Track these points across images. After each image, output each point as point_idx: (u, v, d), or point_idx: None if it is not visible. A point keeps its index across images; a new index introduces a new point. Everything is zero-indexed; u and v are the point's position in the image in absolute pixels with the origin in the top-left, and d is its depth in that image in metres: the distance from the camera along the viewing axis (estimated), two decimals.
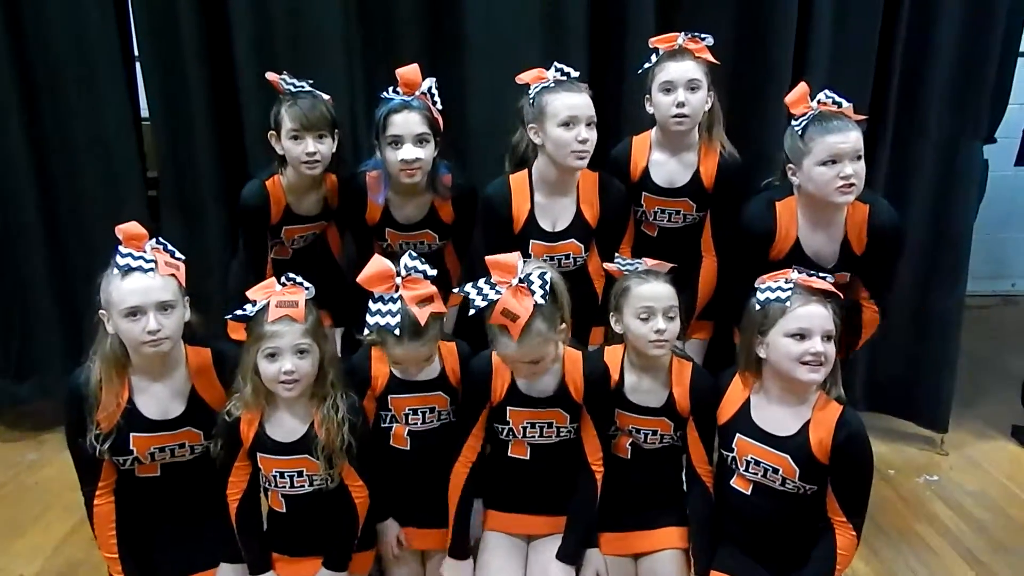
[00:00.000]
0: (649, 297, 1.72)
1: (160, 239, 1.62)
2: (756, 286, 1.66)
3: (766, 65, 2.31)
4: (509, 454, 1.79)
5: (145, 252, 1.56)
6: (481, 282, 1.56)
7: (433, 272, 1.63)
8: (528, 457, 1.78)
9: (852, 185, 1.71)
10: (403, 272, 1.60)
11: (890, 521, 2.21)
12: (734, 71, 2.28)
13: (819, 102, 1.76)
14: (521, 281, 1.54)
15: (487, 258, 1.59)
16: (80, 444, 1.63)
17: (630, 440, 1.83)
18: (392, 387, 1.77)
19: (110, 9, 2.35)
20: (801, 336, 1.58)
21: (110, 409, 1.60)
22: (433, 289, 1.62)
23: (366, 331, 1.61)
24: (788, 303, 1.60)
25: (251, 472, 1.69)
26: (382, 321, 1.58)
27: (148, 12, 2.34)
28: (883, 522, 2.20)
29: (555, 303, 1.59)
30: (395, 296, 1.59)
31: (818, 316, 1.58)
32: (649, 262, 1.78)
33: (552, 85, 1.86)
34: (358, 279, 1.60)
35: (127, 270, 1.53)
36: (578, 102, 1.83)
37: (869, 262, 1.87)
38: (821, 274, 1.66)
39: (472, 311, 1.56)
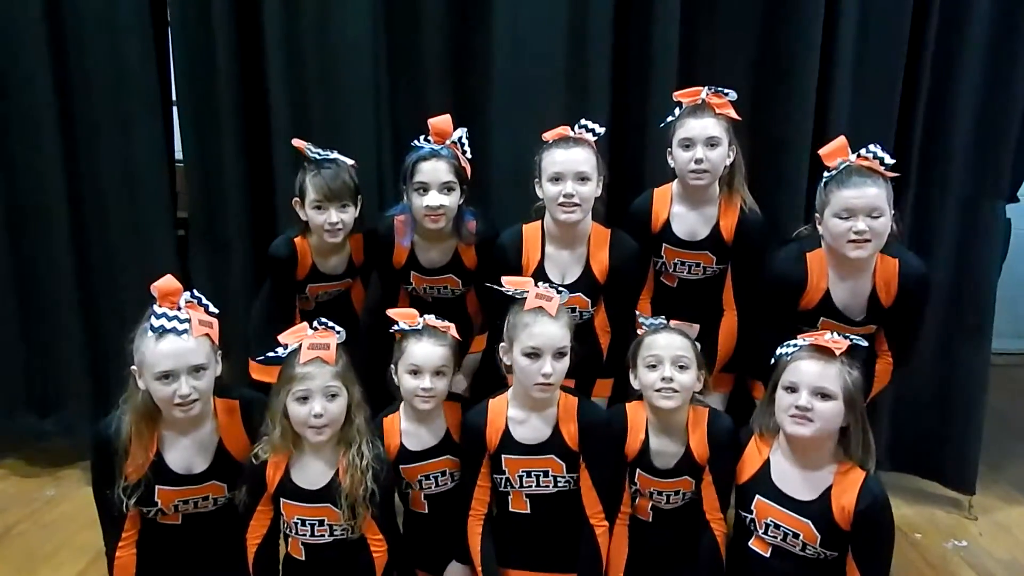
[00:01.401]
0: (658, 346, 1.74)
1: (195, 292, 1.64)
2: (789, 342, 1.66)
3: (787, 120, 2.33)
4: (510, 509, 1.78)
5: (180, 311, 1.58)
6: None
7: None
8: (528, 511, 1.77)
9: (867, 241, 1.72)
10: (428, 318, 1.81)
11: None
12: (755, 125, 2.31)
13: (858, 155, 1.77)
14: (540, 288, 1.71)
15: (504, 279, 1.75)
16: (107, 495, 1.64)
17: (651, 504, 1.81)
18: (403, 458, 1.81)
19: (151, 53, 2.44)
20: (792, 389, 1.59)
21: (139, 462, 1.61)
22: (452, 326, 1.79)
23: (393, 329, 1.78)
24: (790, 357, 1.61)
25: (272, 517, 1.68)
26: (407, 326, 1.76)
27: (188, 58, 2.42)
28: None
29: (570, 311, 1.73)
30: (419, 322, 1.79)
31: (810, 372, 1.58)
32: (674, 323, 1.80)
33: (550, 143, 1.92)
34: (388, 312, 1.81)
35: (161, 332, 1.55)
36: (565, 158, 1.88)
37: (896, 314, 1.86)
38: (845, 334, 1.66)
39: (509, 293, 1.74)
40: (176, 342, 1.55)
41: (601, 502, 1.74)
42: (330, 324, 1.66)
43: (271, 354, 1.64)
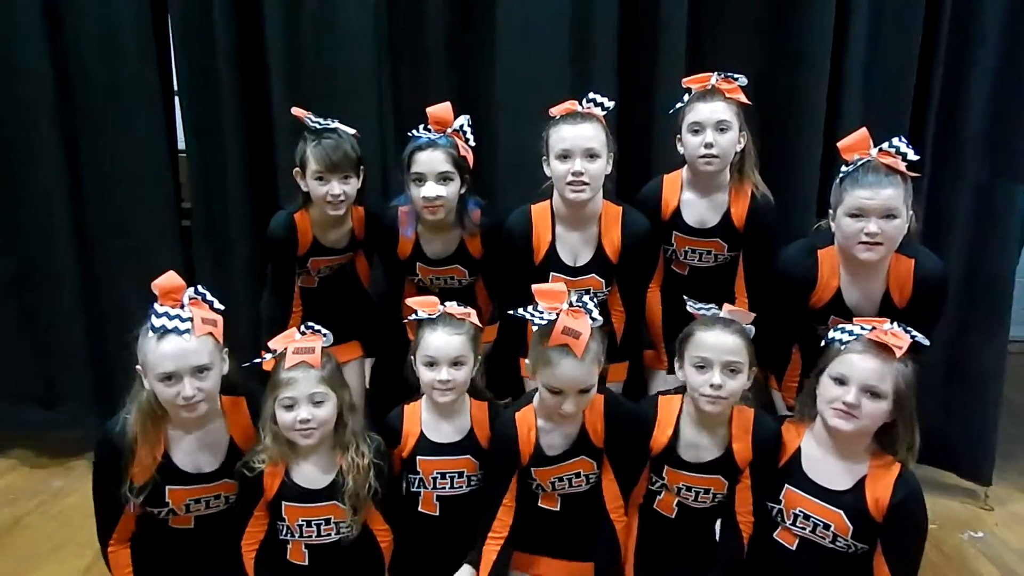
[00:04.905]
0: (708, 346, 1.62)
1: (199, 288, 1.59)
2: (834, 327, 1.60)
3: (800, 107, 2.29)
4: (539, 504, 1.75)
5: (182, 309, 1.53)
6: (530, 308, 1.59)
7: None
8: (559, 508, 1.74)
9: (878, 244, 1.66)
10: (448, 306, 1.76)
11: None
12: (767, 113, 2.27)
13: (880, 150, 1.70)
14: (573, 305, 1.57)
15: (534, 288, 1.61)
16: (104, 493, 1.62)
17: (676, 499, 1.74)
18: (421, 448, 1.76)
19: (151, 45, 2.42)
20: (841, 382, 1.53)
21: (146, 463, 1.58)
22: (472, 312, 1.75)
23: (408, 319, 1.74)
24: (844, 347, 1.55)
25: (268, 523, 1.66)
26: (423, 315, 1.70)
27: (188, 50, 2.40)
28: None
29: (600, 328, 1.62)
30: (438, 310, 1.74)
31: (863, 368, 1.52)
32: (728, 308, 1.69)
33: (557, 119, 1.87)
34: (407, 301, 1.74)
35: (163, 332, 1.50)
36: (573, 134, 1.82)
37: (910, 316, 1.78)
38: (906, 328, 1.59)
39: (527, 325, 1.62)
40: (178, 342, 1.50)
41: (623, 496, 1.70)
42: (317, 328, 1.64)
43: (257, 360, 1.62)
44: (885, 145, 1.70)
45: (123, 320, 2.54)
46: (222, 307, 1.60)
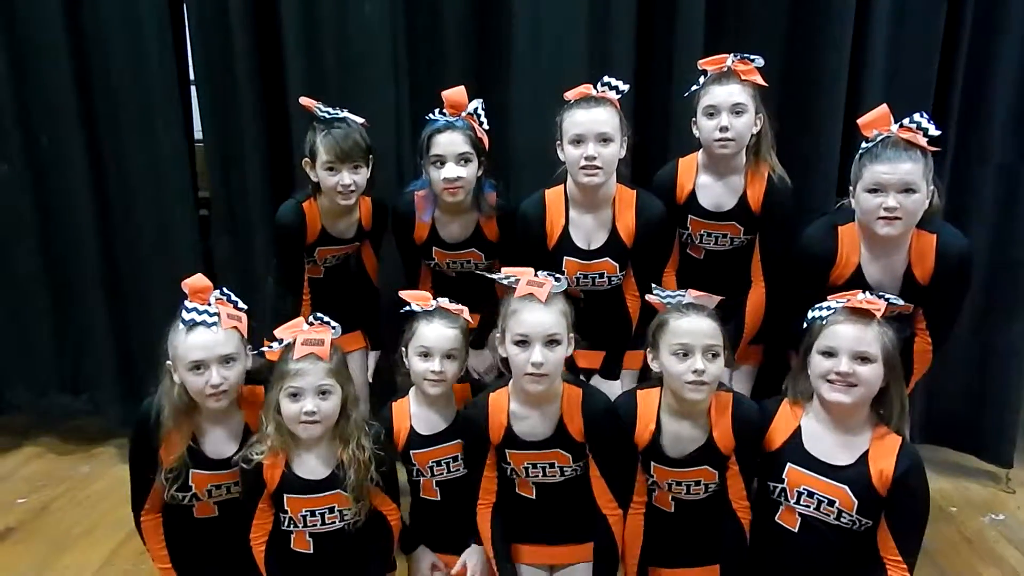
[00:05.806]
0: (687, 332, 1.58)
1: (224, 290, 1.68)
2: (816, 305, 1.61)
3: (819, 89, 2.27)
4: (517, 491, 1.75)
5: (209, 306, 1.63)
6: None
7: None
8: (535, 496, 1.74)
9: (897, 219, 1.66)
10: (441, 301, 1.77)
11: (953, 564, 2.09)
12: (788, 96, 2.24)
13: (900, 126, 1.69)
14: (536, 275, 1.64)
15: (504, 270, 1.68)
16: (138, 470, 1.71)
17: (671, 495, 1.72)
18: (412, 442, 1.78)
19: (168, 35, 2.44)
20: (830, 354, 1.54)
21: (178, 451, 1.66)
22: (465, 309, 1.76)
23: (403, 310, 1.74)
24: (826, 321, 1.56)
25: (274, 515, 1.67)
26: (418, 308, 1.72)
27: (204, 39, 2.42)
28: (945, 565, 2.08)
29: (566, 295, 1.66)
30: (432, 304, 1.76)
31: (848, 336, 1.52)
32: (693, 293, 1.66)
33: (571, 103, 1.86)
34: (400, 294, 1.76)
35: (192, 324, 1.60)
36: (587, 118, 1.81)
37: (934, 293, 1.79)
38: (879, 293, 1.60)
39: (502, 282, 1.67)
40: (206, 334, 1.60)
41: (612, 492, 1.68)
42: (325, 319, 1.65)
43: (264, 348, 1.64)
44: (906, 121, 1.69)
45: (144, 309, 2.62)
46: (245, 306, 1.69)
